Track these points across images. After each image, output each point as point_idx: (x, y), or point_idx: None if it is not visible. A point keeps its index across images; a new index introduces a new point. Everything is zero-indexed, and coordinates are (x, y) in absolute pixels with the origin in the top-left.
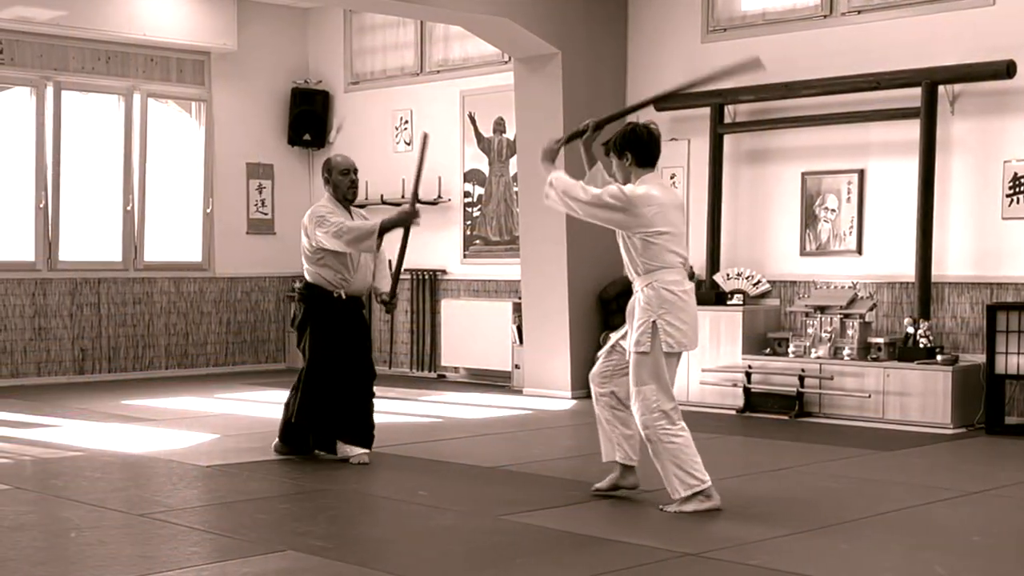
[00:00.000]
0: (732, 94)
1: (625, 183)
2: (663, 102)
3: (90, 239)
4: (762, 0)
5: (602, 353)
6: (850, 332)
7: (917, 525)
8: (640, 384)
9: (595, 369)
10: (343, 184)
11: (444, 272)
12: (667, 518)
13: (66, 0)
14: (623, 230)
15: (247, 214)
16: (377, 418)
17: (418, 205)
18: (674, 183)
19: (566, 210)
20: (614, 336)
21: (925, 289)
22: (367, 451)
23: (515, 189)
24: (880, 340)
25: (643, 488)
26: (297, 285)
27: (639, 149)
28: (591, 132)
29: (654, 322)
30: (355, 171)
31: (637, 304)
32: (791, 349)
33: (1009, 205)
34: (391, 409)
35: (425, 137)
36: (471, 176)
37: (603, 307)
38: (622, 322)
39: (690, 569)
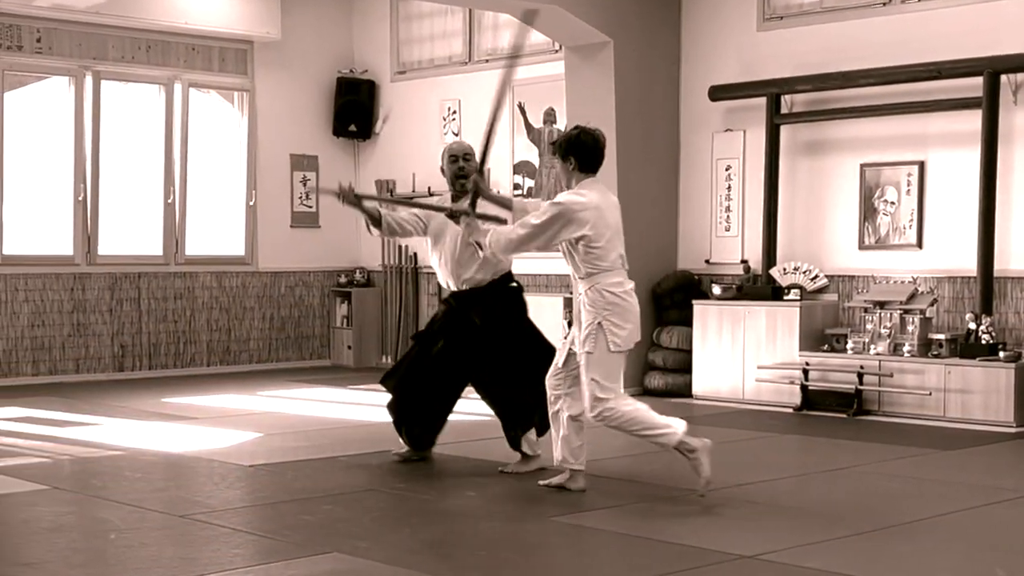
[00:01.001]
0: (789, 84)
1: (568, 186)
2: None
3: (130, 232)
4: None
5: (560, 359)
6: (910, 328)
7: (978, 526)
8: (589, 379)
9: (551, 373)
10: (449, 171)
11: None
12: (722, 521)
13: None
14: (571, 239)
15: (291, 207)
16: None
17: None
18: (729, 175)
19: (517, 254)
20: (566, 341)
21: (987, 284)
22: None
23: None
24: (941, 336)
25: (693, 487)
26: None
27: (583, 154)
28: (475, 187)
29: (599, 323)
30: (465, 156)
31: (583, 306)
32: (849, 345)
33: None
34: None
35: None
36: (521, 168)
37: (656, 302)
38: (676, 317)
39: (745, 572)
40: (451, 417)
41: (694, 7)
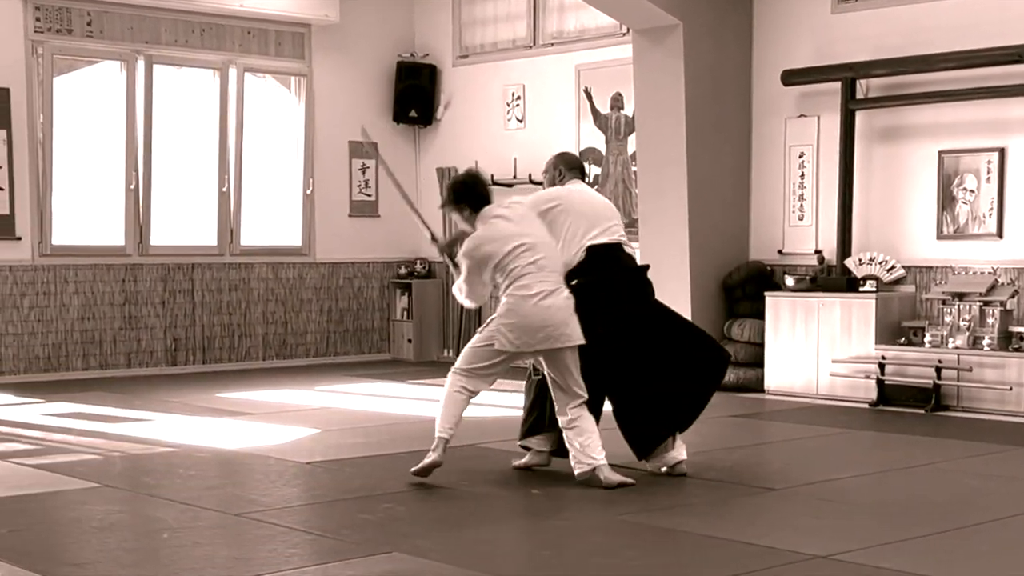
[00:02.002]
0: (864, 68)
1: (474, 228)
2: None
3: (183, 222)
4: None
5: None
6: (990, 320)
7: None
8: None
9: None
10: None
11: None
12: (794, 520)
13: None
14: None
15: (349, 195)
16: (487, 411)
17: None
18: (803, 162)
19: (477, 298)
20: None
21: None
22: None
23: (634, 169)
24: (1022, 329)
25: (765, 485)
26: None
27: (468, 198)
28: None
29: (495, 323)
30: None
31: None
32: (927, 339)
33: None
34: (502, 402)
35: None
36: (587, 155)
37: (727, 294)
38: (748, 310)
39: (820, 571)
40: (510, 413)
41: None
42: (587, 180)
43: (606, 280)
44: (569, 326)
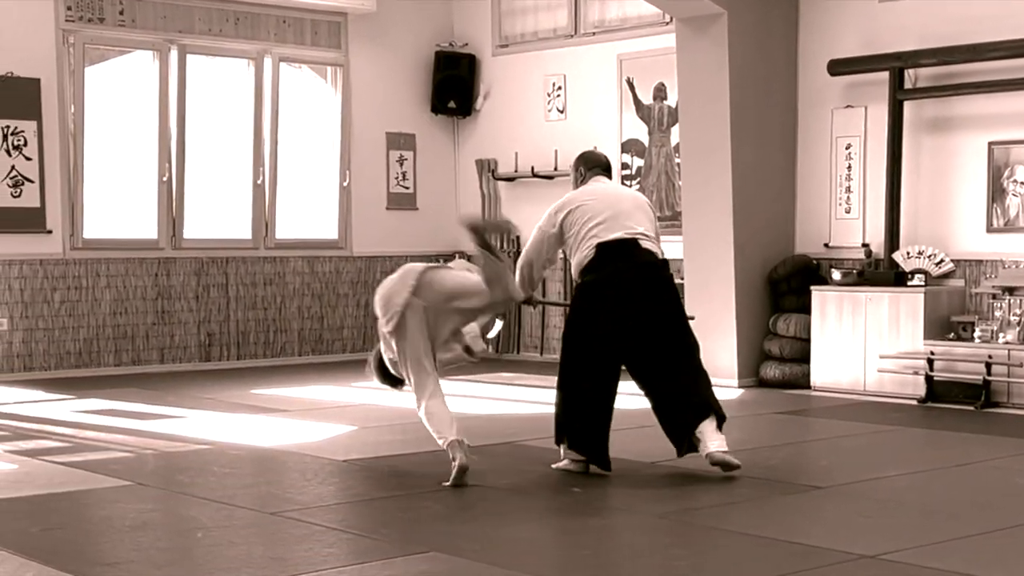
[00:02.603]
0: (913, 57)
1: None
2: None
3: (217, 215)
4: None
5: None
6: None
7: None
8: None
9: None
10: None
11: None
12: (842, 518)
13: None
14: None
15: (387, 188)
16: (528, 408)
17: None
18: (849, 154)
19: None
20: None
21: None
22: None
23: (677, 160)
24: None
25: (811, 483)
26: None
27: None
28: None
29: None
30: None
31: None
32: (977, 334)
33: None
34: (543, 399)
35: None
36: (629, 146)
37: (773, 288)
38: (793, 304)
39: (867, 572)
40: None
41: None
42: (628, 171)
43: (614, 276)
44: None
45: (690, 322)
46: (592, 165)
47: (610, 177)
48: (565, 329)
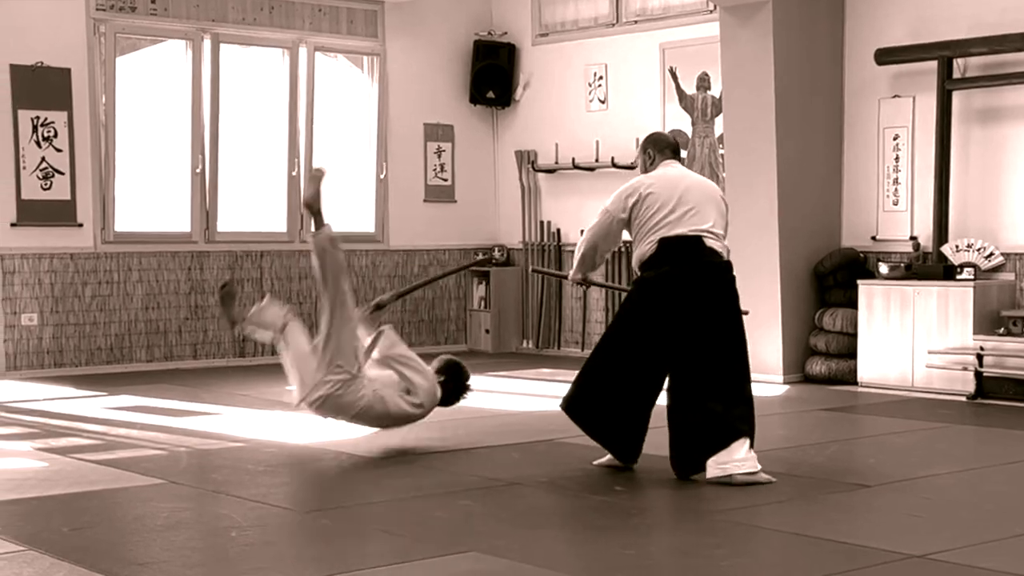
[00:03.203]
0: (962, 46)
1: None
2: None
3: (251, 208)
4: None
5: None
6: None
7: None
8: None
9: None
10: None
11: None
12: (889, 517)
13: None
14: None
15: (424, 180)
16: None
17: None
18: (897, 145)
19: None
20: None
21: None
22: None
23: (721, 152)
24: None
25: (858, 482)
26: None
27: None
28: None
29: None
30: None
31: None
32: None
33: None
34: None
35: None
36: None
37: (819, 282)
38: (840, 299)
39: (915, 571)
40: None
41: None
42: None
43: (672, 277)
44: None
45: (744, 317)
46: (662, 147)
47: (681, 161)
48: (615, 317)
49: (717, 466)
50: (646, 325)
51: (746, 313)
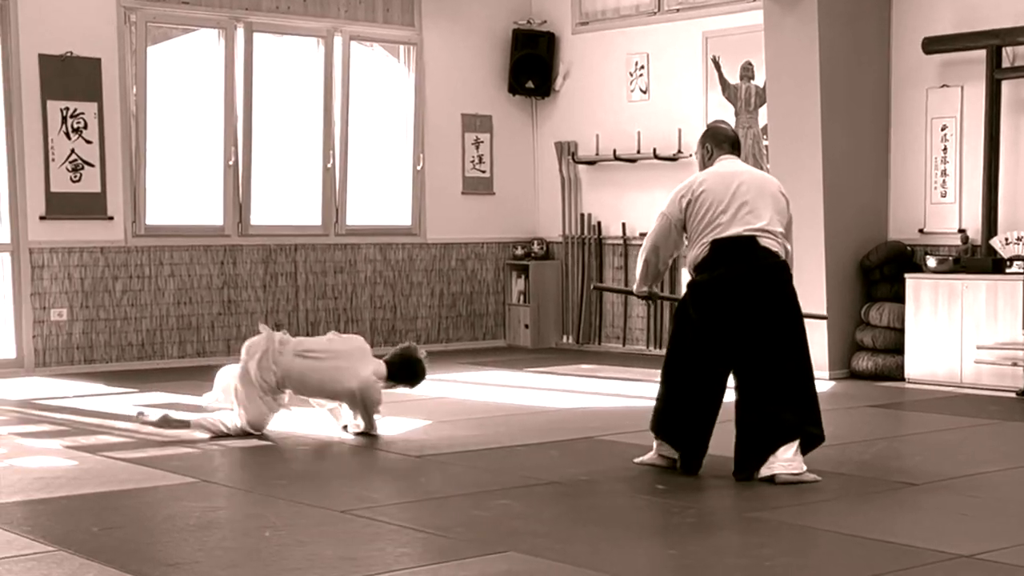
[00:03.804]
0: (1011, 34)
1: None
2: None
3: (285, 200)
4: None
5: None
6: None
7: None
8: None
9: None
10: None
11: None
12: (937, 516)
13: None
14: None
15: (462, 172)
16: (609, 401)
17: None
18: (945, 135)
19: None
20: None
21: None
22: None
23: (765, 143)
24: None
25: (905, 480)
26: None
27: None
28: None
29: None
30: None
31: None
32: None
33: None
34: (626, 392)
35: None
36: None
37: (865, 276)
38: (887, 293)
39: (964, 572)
40: (635, 403)
41: None
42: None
43: (725, 279)
44: None
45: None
46: (720, 141)
47: (739, 155)
48: (672, 325)
49: (765, 466)
50: (699, 331)
51: (824, 318)
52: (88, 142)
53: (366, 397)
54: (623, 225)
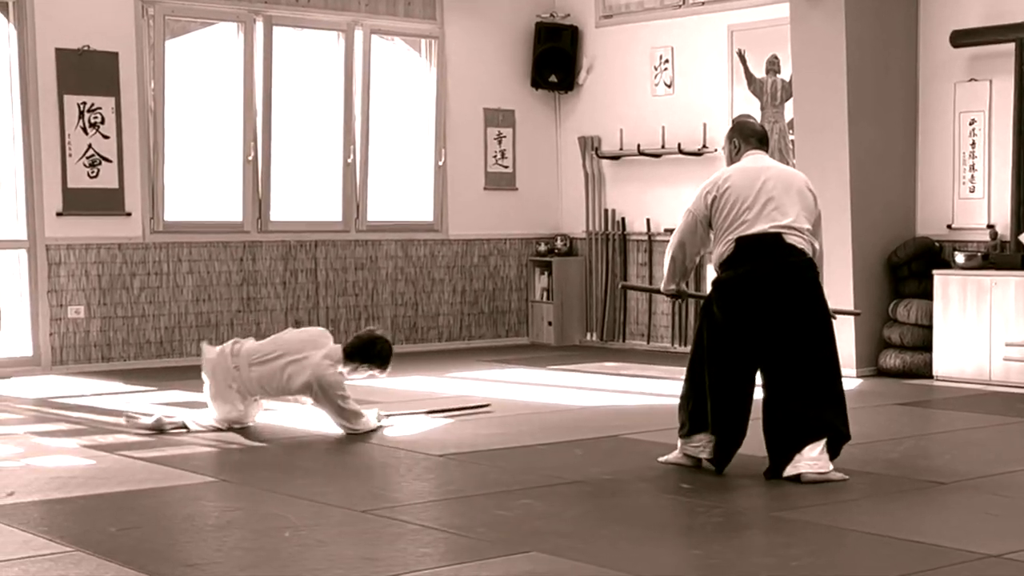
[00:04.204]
0: None
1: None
2: None
3: (305, 196)
4: None
5: None
6: None
7: None
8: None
9: None
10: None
11: None
12: (965, 516)
13: None
14: None
15: (484, 167)
16: (634, 400)
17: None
18: (973, 130)
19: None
20: None
21: None
22: None
23: (791, 137)
24: None
25: (932, 479)
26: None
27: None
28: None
29: None
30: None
31: None
32: None
33: None
34: (650, 390)
35: None
36: None
37: (892, 273)
38: (915, 289)
39: (992, 572)
40: (659, 401)
41: None
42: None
43: (749, 277)
44: None
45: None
46: (747, 136)
47: (767, 150)
48: (697, 323)
49: (791, 465)
50: (724, 329)
51: (857, 314)
52: (105, 137)
53: (322, 383)
54: (647, 221)
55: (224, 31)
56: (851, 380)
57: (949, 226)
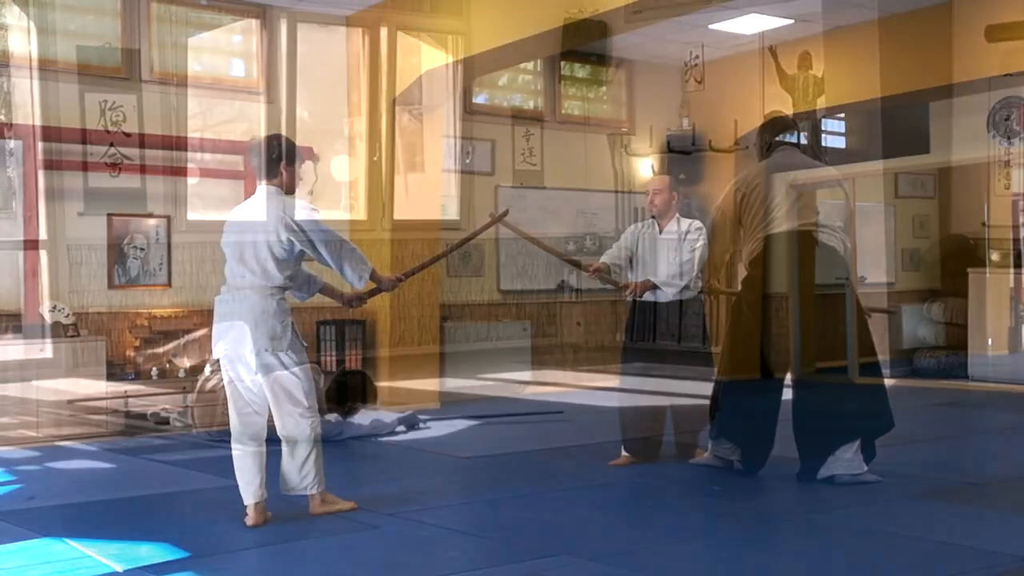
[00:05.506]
0: None
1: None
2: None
3: (330, 194)
4: None
5: None
6: None
7: None
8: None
9: None
10: None
11: None
12: (998, 518)
13: None
14: None
15: (512, 165)
16: (664, 401)
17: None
18: (1008, 125)
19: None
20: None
21: None
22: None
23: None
24: None
25: (967, 480)
26: None
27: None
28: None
29: None
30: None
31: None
32: None
33: None
34: (681, 390)
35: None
36: None
37: (927, 270)
38: (948, 288)
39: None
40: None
41: None
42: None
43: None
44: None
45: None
46: (777, 132)
47: (799, 147)
48: (728, 322)
49: (825, 466)
50: (754, 328)
51: (892, 312)
52: (127, 135)
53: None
54: (677, 218)
55: (247, 28)
56: (885, 380)
57: (983, 223)
